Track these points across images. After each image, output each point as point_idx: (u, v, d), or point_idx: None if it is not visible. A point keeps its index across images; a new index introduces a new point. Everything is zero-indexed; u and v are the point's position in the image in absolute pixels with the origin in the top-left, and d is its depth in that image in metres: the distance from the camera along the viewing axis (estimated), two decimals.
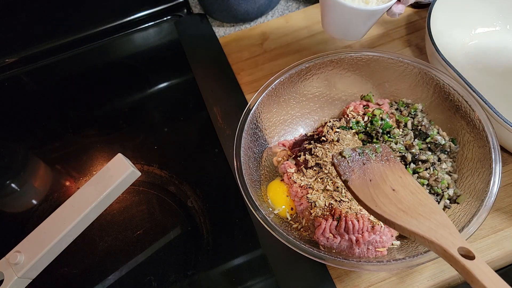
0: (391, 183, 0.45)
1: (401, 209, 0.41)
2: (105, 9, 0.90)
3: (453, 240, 0.37)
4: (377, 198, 0.43)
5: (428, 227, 0.39)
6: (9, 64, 0.90)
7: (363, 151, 0.48)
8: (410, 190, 0.44)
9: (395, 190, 0.44)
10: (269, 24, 0.84)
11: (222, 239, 0.60)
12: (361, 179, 0.46)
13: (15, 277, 0.55)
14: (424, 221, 0.39)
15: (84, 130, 0.78)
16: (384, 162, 0.47)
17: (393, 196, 0.43)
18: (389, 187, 0.44)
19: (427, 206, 0.41)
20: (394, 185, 0.44)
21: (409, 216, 0.40)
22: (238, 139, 0.56)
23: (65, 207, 0.59)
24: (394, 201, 0.42)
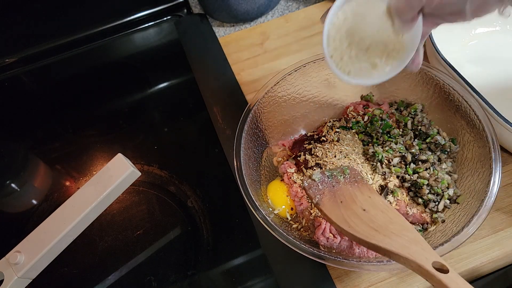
0: (361, 204, 0.46)
1: (373, 228, 0.42)
2: (105, 9, 0.90)
3: (426, 256, 0.37)
4: (349, 219, 0.44)
5: (401, 244, 0.39)
6: (9, 64, 0.90)
7: (332, 174, 0.49)
8: (379, 209, 0.45)
9: (365, 210, 0.45)
10: (269, 24, 0.84)
11: (222, 239, 0.60)
12: (332, 201, 0.47)
13: (15, 277, 0.55)
14: (396, 238, 0.40)
15: (84, 130, 0.78)
16: (353, 184, 0.49)
17: (364, 216, 0.44)
18: (359, 208, 0.45)
19: (397, 224, 0.42)
20: (364, 205, 0.45)
21: (382, 235, 0.41)
22: (238, 139, 0.56)
23: (65, 207, 0.59)
24: (366, 220, 0.43)
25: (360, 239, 0.41)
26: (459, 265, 0.52)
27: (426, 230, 0.51)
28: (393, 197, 0.51)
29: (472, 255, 0.52)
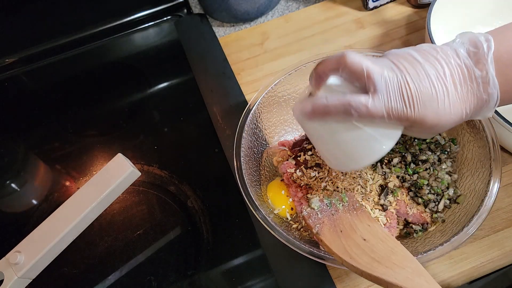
0: (361, 233, 0.45)
1: (374, 259, 0.41)
2: (105, 9, 0.90)
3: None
4: (350, 249, 0.43)
5: (404, 276, 0.38)
6: (9, 64, 0.90)
7: (331, 202, 0.49)
8: (379, 238, 0.44)
9: (366, 239, 0.44)
10: (269, 24, 0.84)
11: (222, 239, 0.60)
12: (332, 231, 0.46)
13: (15, 277, 0.55)
14: (399, 270, 0.39)
15: (84, 130, 0.78)
16: (352, 212, 0.48)
17: (365, 246, 0.43)
18: (359, 237, 0.44)
19: (399, 254, 0.41)
20: (364, 235, 0.44)
21: (384, 266, 0.40)
22: (238, 139, 0.56)
23: (65, 207, 0.59)
24: (367, 250, 0.42)
25: (363, 271, 0.40)
26: (459, 265, 0.52)
27: (426, 230, 0.51)
28: (393, 197, 0.51)
29: (472, 255, 0.52)
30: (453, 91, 0.37)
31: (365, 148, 0.41)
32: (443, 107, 0.37)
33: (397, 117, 0.37)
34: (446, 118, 0.37)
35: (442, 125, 0.38)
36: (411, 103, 0.36)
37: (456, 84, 0.37)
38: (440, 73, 0.36)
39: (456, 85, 0.37)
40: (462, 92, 0.37)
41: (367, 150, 0.41)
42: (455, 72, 0.37)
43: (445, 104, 0.37)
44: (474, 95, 0.37)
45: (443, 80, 0.36)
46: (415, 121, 0.37)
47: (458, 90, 0.37)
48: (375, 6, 0.80)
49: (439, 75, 0.36)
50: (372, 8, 0.80)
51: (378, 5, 0.80)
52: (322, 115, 0.39)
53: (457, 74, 0.37)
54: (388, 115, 0.36)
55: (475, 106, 0.38)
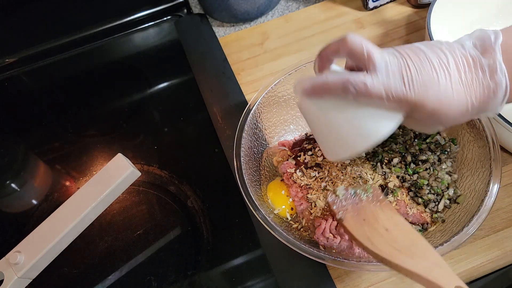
0: (383, 223, 0.45)
1: (396, 248, 0.42)
2: (105, 9, 0.90)
3: (449, 280, 0.37)
4: (372, 237, 0.43)
5: (424, 266, 0.39)
6: (9, 64, 0.90)
7: (355, 192, 0.49)
8: (402, 229, 0.44)
9: (388, 230, 0.44)
10: (269, 24, 0.84)
11: (222, 239, 0.60)
12: (355, 218, 0.46)
13: (15, 277, 0.55)
14: (419, 260, 0.40)
15: (84, 130, 0.78)
16: (375, 203, 0.48)
17: (387, 236, 0.44)
18: (382, 227, 0.45)
19: (420, 246, 0.42)
20: (386, 225, 0.45)
21: (405, 255, 0.41)
22: (238, 139, 0.56)
23: (65, 207, 0.59)
24: (388, 240, 0.43)
25: (384, 258, 0.41)
26: (459, 265, 0.52)
27: (426, 230, 0.51)
28: (393, 197, 0.51)
29: (472, 255, 0.52)
30: (457, 77, 0.36)
31: (362, 130, 0.40)
32: (445, 91, 0.35)
33: (396, 97, 0.36)
34: (449, 104, 0.36)
35: (444, 111, 0.36)
36: (410, 84, 0.36)
37: (460, 72, 0.36)
38: (443, 60, 0.36)
39: (460, 72, 0.36)
40: (466, 80, 0.36)
41: (364, 132, 0.40)
42: (459, 60, 0.36)
43: (447, 89, 0.35)
44: (480, 84, 0.36)
45: (446, 66, 0.36)
46: (415, 104, 0.36)
47: (462, 77, 0.36)
48: (375, 6, 0.80)
49: (442, 62, 0.36)
50: (372, 8, 0.80)
51: (378, 5, 0.80)
52: (321, 91, 0.39)
53: (461, 63, 0.36)
54: (387, 95, 0.36)
55: (481, 96, 0.36)
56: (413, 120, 0.40)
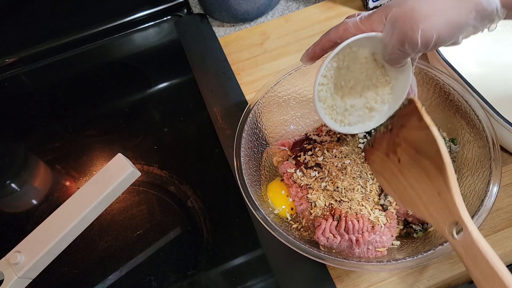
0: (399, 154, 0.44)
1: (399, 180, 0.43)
2: (105, 9, 0.90)
3: (445, 215, 0.36)
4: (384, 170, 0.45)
5: (424, 202, 0.39)
6: (9, 64, 0.90)
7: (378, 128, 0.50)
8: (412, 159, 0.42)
9: (400, 160, 0.43)
10: (269, 24, 0.84)
11: (222, 239, 0.60)
12: (374, 152, 0.48)
13: (15, 277, 0.55)
14: (421, 194, 0.40)
15: (84, 130, 0.78)
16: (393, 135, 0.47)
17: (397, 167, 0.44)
18: (396, 158, 0.44)
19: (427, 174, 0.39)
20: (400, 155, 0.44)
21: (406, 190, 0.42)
22: (238, 139, 0.56)
23: (65, 207, 0.59)
24: (396, 172, 0.43)
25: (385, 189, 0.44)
26: (459, 265, 0.52)
27: (426, 230, 0.51)
28: None
29: None
30: None
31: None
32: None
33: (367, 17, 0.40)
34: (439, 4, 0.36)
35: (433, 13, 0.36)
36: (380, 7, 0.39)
37: None
38: None
39: None
40: None
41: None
42: None
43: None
44: None
45: None
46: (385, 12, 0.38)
47: None
48: (375, 6, 0.80)
49: None
50: (372, 8, 0.80)
51: (378, 5, 0.80)
52: (315, 46, 0.45)
53: None
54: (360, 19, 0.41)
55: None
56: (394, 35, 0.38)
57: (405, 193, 0.40)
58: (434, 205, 0.37)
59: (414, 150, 0.41)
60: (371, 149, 0.49)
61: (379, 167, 0.46)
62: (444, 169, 0.36)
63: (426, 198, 0.38)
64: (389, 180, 0.43)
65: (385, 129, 0.48)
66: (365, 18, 0.41)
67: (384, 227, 0.49)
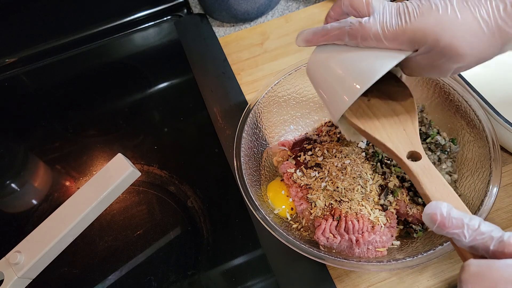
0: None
1: (368, 116, 0.46)
2: (105, 9, 0.90)
3: (404, 145, 0.43)
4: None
5: (387, 133, 0.44)
6: (9, 64, 0.90)
7: None
8: (382, 100, 0.47)
9: (369, 100, 0.47)
10: (269, 24, 0.84)
11: (222, 239, 0.60)
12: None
13: (15, 277, 0.55)
14: (387, 128, 0.45)
15: (84, 130, 0.78)
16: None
17: (366, 104, 0.47)
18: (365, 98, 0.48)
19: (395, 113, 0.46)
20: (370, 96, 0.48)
21: (373, 122, 0.45)
22: (238, 139, 0.56)
23: (65, 207, 0.59)
24: (364, 108, 0.47)
25: (353, 123, 0.46)
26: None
27: (426, 230, 0.51)
28: (393, 197, 0.51)
29: None
30: (459, 1, 0.34)
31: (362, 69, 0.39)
32: (446, 13, 0.34)
33: (393, 32, 0.36)
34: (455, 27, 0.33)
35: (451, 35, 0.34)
36: (407, 17, 0.35)
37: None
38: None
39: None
40: (473, 1, 0.33)
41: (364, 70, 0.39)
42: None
43: (448, 10, 0.34)
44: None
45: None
46: (415, 35, 0.35)
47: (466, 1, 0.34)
48: None
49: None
50: None
51: None
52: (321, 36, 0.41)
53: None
54: (382, 30, 0.36)
55: (495, 12, 0.33)
56: (423, 59, 0.37)
57: (370, 121, 0.46)
58: (398, 136, 0.44)
59: (387, 97, 0.47)
60: None
61: None
62: (414, 115, 0.46)
63: (391, 129, 0.45)
64: (354, 110, 0.47)
65: None
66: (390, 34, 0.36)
67: (384, 227, 0.49)
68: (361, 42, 0.38)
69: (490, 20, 0.33)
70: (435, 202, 0.33)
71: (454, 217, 0.31)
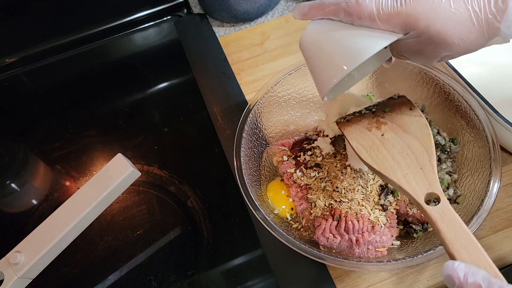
0: (382, 130, 0.47)
1: (381, 152, 0.45)
2: (105, 9, 0.90)
3: (422, 188, 0.40)
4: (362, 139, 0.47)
5: (403, 173, 0.42)
6: (9, 64, 0.90)
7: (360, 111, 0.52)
8: (396, 136, 0.46)
9: (383, 135, 0.47)
10: (269, 24, 0.84)
11: (222, 239, 0.60)
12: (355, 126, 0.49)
13: (15, 277, 0.55)
14: (402, 166, 0.43)
15: (84, 130, 0.78)
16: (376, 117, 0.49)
17: (379, 141, 0.46)
18: (379, 133, 0.47)
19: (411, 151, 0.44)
20: (383, 131, 0.47)
21: (388, 162, 0.44)
22: (238, 139, 0.56)
23: (65, 207, 0.59)
24: (378, 146, 0.46)
25: (366, 163, 0.45)
26: None
27: (426, 230, 0.51)
28: (393, 197, 0.51)
29: None
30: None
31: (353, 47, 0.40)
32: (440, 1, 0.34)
33: (387, 13, 0.36)
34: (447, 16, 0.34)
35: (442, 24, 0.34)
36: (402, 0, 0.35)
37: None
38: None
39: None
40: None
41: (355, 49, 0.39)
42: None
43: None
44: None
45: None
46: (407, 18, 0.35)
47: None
48: None
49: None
50: None
51: None
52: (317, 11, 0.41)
53: None
54: (377, 10, 0.36)
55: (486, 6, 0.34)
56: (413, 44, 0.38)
57: (384, 161, 0.44)
58: (415, 176, 0.42)
59: (402, 130, 0.46)
60: (348, 122, 0.50)
61: (356, 135, 0.48)
62: (431, 150, 0.43)
63: (407, 169, 0.42)
64: (368, 148, 0.46)
65: (367, 111, 0.51)
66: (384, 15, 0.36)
67: (384, 227, 0.49)
68: (356, 20, 0.38)
69: (480, 13, 0.34)
70: (452, 264, 0.32)
71: (471, 283, 0.30)
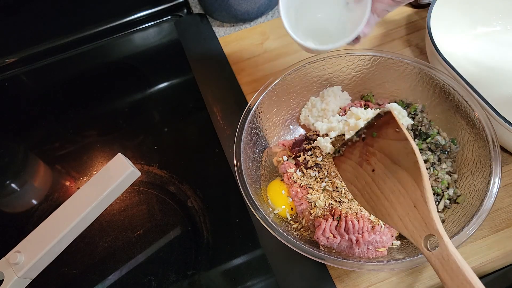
0: (373, 165, 0.43)
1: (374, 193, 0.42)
2: (105, 9, 0.90)
3: (420, 229, 0.36)
4: (357, 180, 0.44)
5: (399, 214, 0.38)
6: (9, 64, 0.90)
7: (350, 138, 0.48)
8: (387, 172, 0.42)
9: (374, 170, 0.42)
10: (269, 24, 0.84)
11: (222, 239, 0.60)
12: (348, 161, 0.46)
13: (15, 277, 0.55)
14: (396, 207, 0.39)
15: (84, 130, 0.78)
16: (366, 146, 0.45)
17: (370, 177, 0.42)
18: (369, 169, 0.43)
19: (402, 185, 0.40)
20: (374, 166, 0.43)
21: (380, 202, 0.40)
22: (238, 139, 0.56)
23: (65, 207, 0.59)
24: (370, 183, 0.42)
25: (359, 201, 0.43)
26: None
27: None
28: None
29: (472, 255, 0.52)
30: None
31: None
32: None
33: None
34: None
35: None
36: None
37: None
38: None
39: None
40: None
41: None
42: None
43: None
44: None
45: None
46: None
47: None
48: None
49: None
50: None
51: None
52: None
53: None
54: None
55: None
56: None
57: (379, 203, 0.40)
58: (410, 217, 0.37)
59: (390, 160, 0.40)
60: (342, 157, 0.46)
61: (350, 176, 0.44)
62: (421, 181, 0.37)
63: (402, 210, 0.38)
64: (362, 190, 0.42)
65: (357, 138, 0.45)
66: None
67: (384, 227, 0.49)
68: None
69: None
70: None
71: None
